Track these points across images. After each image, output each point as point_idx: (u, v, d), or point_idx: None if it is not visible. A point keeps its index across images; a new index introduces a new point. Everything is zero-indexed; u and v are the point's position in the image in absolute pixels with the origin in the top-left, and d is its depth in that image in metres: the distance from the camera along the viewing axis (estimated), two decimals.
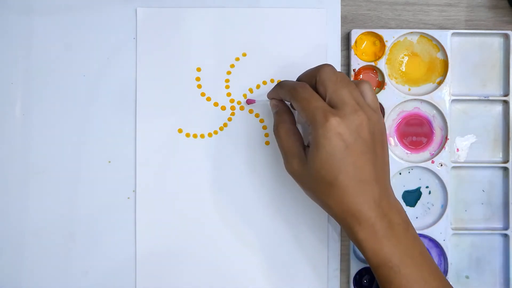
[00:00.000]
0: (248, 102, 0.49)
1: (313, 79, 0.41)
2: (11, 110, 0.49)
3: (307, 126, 0.41)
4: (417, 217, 0.50)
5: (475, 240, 0.50)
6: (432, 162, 0.49)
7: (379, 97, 0.49)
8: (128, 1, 0.49)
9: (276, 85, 0.45)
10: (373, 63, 0.49)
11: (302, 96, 0.40)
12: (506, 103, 0.50)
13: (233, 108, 0.49)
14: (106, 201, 0.49)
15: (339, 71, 0.41)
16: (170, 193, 0.49)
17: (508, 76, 0.49)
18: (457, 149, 0.50)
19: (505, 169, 0.49)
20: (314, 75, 0.41)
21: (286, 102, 0.45)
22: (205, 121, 0.49)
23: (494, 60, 0.50)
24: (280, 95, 0.44)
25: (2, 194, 0.48)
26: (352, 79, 0.49)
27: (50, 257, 0.48)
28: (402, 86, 0.50)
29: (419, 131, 0.50)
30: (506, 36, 0.49)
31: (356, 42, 0.49)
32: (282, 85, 0.44)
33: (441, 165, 0.49)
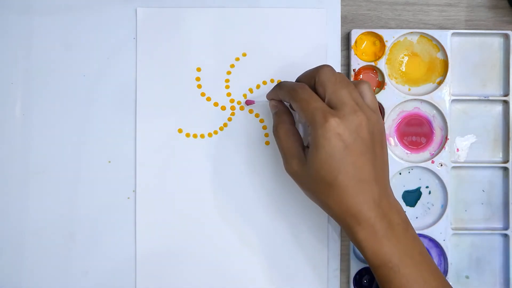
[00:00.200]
0: (248, 103, 0.49)
1: (312, 80, 0.42)
2: (11, 110, 0.49)
3: (307, 126, 0.41)
4: (417, 217, 0.50)
5: (475, 240, 0.50)
6: (432, 162, 0.49)
7: (379, 97, 0.49)
8: (128, 1, 0.49)
9: (275, 86, 0.45)
10: (373, 63, 0.49)
11: (302, 97, 0.40)
12: (506, 103, 0.50)
13: (233, 108, 0.49)
14: (106, 201, 0.49)
15: (338, 72, 0.42)
16: (170, 193, 0.49)
17: (508, 76, 0.49)
18: (457, 149, 0.50)
19: (505, 169, 0.49)
20: (313, 76, 0.41)
21: (285, 102, 0.45)
22: (205, 121, 0.49)
23: (494, 60, 0.50)
24: (279, 95, 0.44)
25: (2, 194, 0.48)
26: (352, 79, 0.49)
27: (50, 257, 0.49)
28: (402, 86, 0.50)
29: (419, 131, 0.50)
30: (506, 36, 0.49)
31: (356, 42, 0.49)
32: (281, 86, 0.44)
33: (441, 165, 0.49)
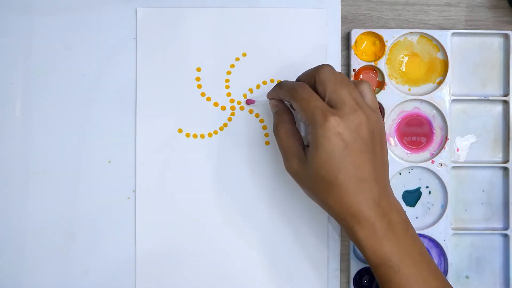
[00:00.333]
0: (248, 102, 0.49)
1: (313, 79, 0.42)
2: (11, 110, 0.49)
3: (307, 126, 0.41)
4: (417, 217, 0.50)
5: (475, 240, 0.50)
6: (432, 162, 0.49)
7: (379, 97, 0.49)
8: (128, 1, 0.49)
9: (275, 85, 0.45)
10: (373, 63, 0.49)
11: (302, 96, 0.40)
12: (506, 103, 0.50)
13: (233, 108, 0.49)
14: (106, 201, 0.49)
15: (338, 71, 0.42)
16: (170, 193, 0.49)
17: (508, 76, 0.49)
18: (457, 149, 0.50)
19: (505, 169, 0.49)
20: (314, 75, 0.41)
21: (286, 102, 0.45)
22: (205, 121, 0.49)
23: (494, 60, 0.50)
24: (279, 95, 0.44)
25: (2, 194, 0.48)
26: (352, 79, 0.49)
27: (50, 257, 0.48)
28: (402, 86, 0.50)
29: (419, 131, 0.50)
30: (506, 36, 0.49)
31: (356, 42, 0.49)
32: (281, 86, 0.44)
33: (441, 165, 0.49)
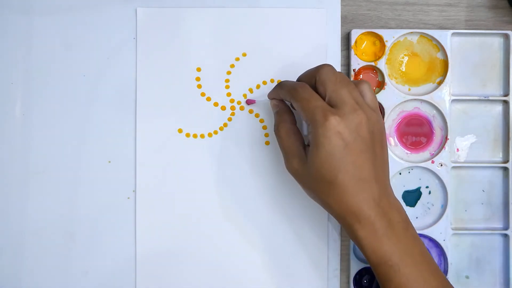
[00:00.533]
0: (248, 103, 0.49)
1: (313, 79, 0.42)
2: (11, 110, 0.49)
3: (308, 125, 0.41)
4: (417, 217, 0.50)
5: (475, 240, 0.50)
6: (432, 162, 0.49)
7: (379, 97, 0.49)
8: (128, 1, 0.49)
9: (276, 85, 0.45)
10: (373, 63, 0.49)
11: (302, 96, 0.41)
12: (506, 103, 0.50)
13: (233, 108, 0.49)
14: (106, 201, 0.49)
15: (338, 71, 0.42)
16: (170, 193, 0.49)
17: (508, 76, 0.49)
18: (457, 149, 0.50)
19: (505, 169, 0.49)
20: (314, 75, 0.41)
21: (286, 102, 0.45)
22: (205, 121, 0.49)
23: (494, 60, 0.50)
24: (280, 95, 0.44)
25: (2, 194, 0.48)
26: (352, 79, 0.49)
27: (50, 257, 0.48)
28: (402, 86, 0.50)
29: (419, 131, 0.50)
30: (506, 36, 0.49)
31: (356, 42, 0.49)
32: (282, 86, 0.44)
33: (441, 165, 0.49)
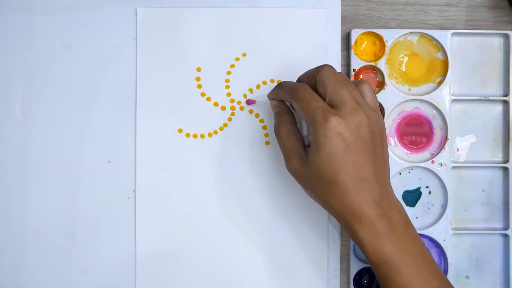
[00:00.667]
0: (248, 103, 0.49)
1: (313, 79, 0.42)
2: (11, 110, 0.49)
3: (308, 126, 0.41)
4: (417, 217, 0.50)
5: (475, 240, 0.50)
6: (432, 162, 0.49)
7: (379, 97, 0.49)
8: (128, 1, 0.49)
9: (276, 86, 0.45)
10: (373, 63, 0.49)
11: (302, 97, 0.41)
12: (506, 103, 0.50)
13: (233, 108, 0.49)
14: (106, 201, 0.49)
15: (338, 72, 0.42)
16: (170, 193, 0.49)
17: (508, 76, 0.49)
18: (457, 149, 0.50)
19: (505, 169, 0.49)
20: (314, 76, 0.41)
21: (286, 102, 0.45)
22: (205, 121, 0.49)
23: (494, 60, 0.50)
24: (280, 95, 0.44)
25: (2, 194, 0.48)
26: (352, 79, 0.49)
27: (50, 257, 0.48)
28: (402, 86, 0.50)
29: (419, 131, 0.50)
30: (506, 36, 0.49)
31: (356, 42, 0.49)
32: (282, 86, 0.44)
33: (441, 165, 0.49)
